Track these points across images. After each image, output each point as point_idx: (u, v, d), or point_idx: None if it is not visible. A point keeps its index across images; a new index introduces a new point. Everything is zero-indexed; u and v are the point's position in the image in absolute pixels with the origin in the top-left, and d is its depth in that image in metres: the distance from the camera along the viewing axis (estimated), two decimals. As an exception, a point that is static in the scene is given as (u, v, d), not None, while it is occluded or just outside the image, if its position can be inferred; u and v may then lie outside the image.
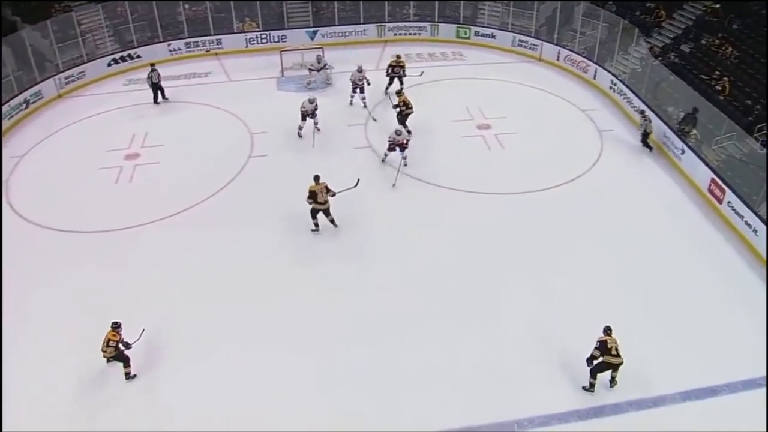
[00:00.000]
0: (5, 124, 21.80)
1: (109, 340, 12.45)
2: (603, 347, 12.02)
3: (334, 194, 16.12)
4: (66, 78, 24.39)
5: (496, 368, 12.73)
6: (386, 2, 28.00)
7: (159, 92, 23.43)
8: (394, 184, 17.96)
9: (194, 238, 16.31)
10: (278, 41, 27.25)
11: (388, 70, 23.05)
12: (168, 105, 23.04)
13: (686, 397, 12.24)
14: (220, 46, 27.33)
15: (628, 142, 20.28)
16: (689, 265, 15.41)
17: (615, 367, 12.18)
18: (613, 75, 23.03)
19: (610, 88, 22.99)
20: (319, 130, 20.42)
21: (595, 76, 23.89)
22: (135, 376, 12.80)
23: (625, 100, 22.00)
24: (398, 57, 23.16)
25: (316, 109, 20.16)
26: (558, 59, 25.47)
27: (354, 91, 22.10)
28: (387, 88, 22.97)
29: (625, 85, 22.18)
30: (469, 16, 28.20)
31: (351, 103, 22.26)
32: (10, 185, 18.88)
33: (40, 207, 17.74)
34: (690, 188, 18.10)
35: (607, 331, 12.16)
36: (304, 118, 20.32)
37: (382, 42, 27.91)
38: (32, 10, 25.77)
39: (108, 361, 12.72)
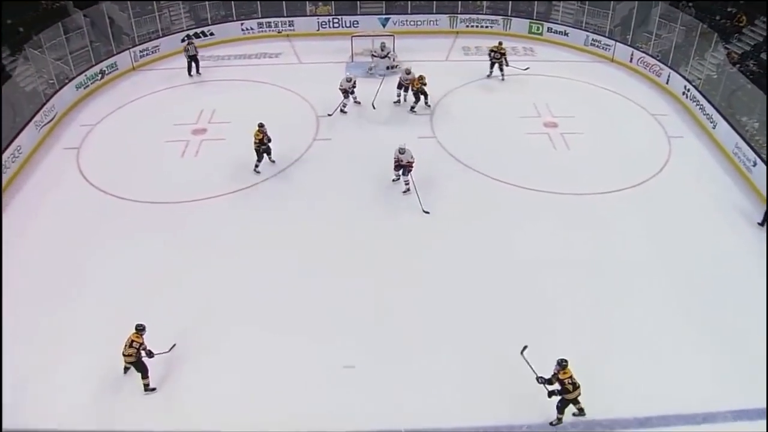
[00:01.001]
0: (81, 93, 22.59)
1: (132, 341, 11.98)
2: (562, 385, 11.36)
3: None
4: (141, 51, 25.09)
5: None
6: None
7: (194, 65, 24.05)
8: (425, 211, 16.73)
9: (252, 215, 16.67)
10: (350, 26, 27.42)
11: (490, 54, 23.47)
12: (237, 84, 23.39)
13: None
14: (291, 28, 27.63)
15: (697, 150, 19.70)
16: (752, 287, 14.66)
17: (576, 400, 11.62)
18: (687, 80, 22.39)
19: (683, 93, 22.37)
20: (358, 103, 21.36)
21: (668, 80, 23.28)
22: (154, 389, 12.30)
23: (698, 107, 21.38)
24: (500, 44, 23.53)
25: (354, 86, 20.94)
26: (631, 61, 24.92)
27: (399, 88, 21.77)
28: (489, 74, 23.63)
29: (699, 92, 21.54)
30: (543, 12, 27.80)
31: (398, 103, 21.86)
32: (81, 152, 19.60)
33: (106, 174, 18.38)
34: (761, 203, 17.48)
35: (564, 365, 11.42)
36: (345, 96, 21.01)
37: (453, 33, 27.74)
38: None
39: (125, 369, 12.35)
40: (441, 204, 17.02)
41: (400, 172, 17.48)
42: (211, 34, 26.74)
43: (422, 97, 21.52)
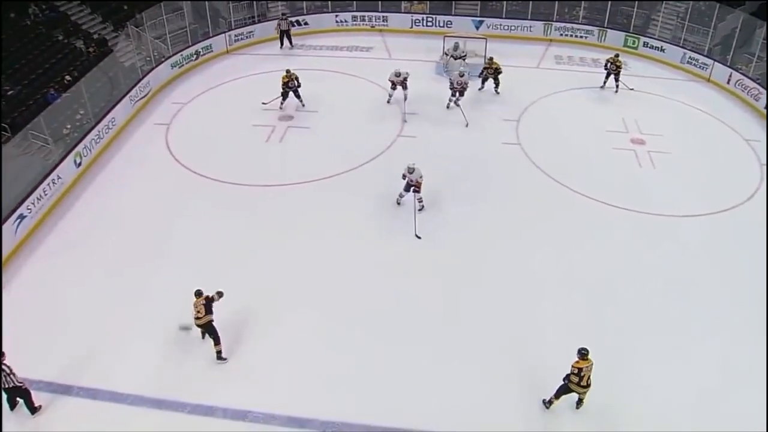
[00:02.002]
0: (175, 71, 23.43)
1: (204, 302, 12.43)
2: (578, 374, 11.39)
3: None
4: (236, 36, 25.83)
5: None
6: (556, 1, 27.52)
7: (287, 39, 25.30)
8: (417, 236, 15.95)
9: (330, 203, 16.90)
10: (443, 26, 27.51)
11: (606, 65, 23.27)
12: (327, 75, 23.76)
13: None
14: (385, 23, 27.90)
15: (792, 182, 18.94)
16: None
17: (580, 398, 11.76)
18: (788, 107, 21.56)
19: (783, 120, 21.54)
20: (405, 98, 21.22)
21: (766, 105, 22.40)
22: (226, 359, 12.73)
23: (797, 136, 20.55)
24: (616, 56, 23.27)
25: (405, 80, 21.06)
26: (728, 82, 24.04)
27: (452, 95, 21.50)
28: (603, 85, 23.44)
29: (800, 121, 20.71)
30: (641, 25, 27.16)
31: (448, 107, 21.65)
32: (171, 129, 20.37)
33: (193, 152, 19.04)
34: None
35: (584, 354, 11.41)
36: (393, 87, 21.30)
37: (546, 41, 27.42)
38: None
39: (203, 334, 12.86)
40: (514, 210, 16.97)
41: (410, 192, 16.59)
42: (306, 23, 27.28)
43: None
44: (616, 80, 23.23)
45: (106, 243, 15.60)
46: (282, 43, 25.80)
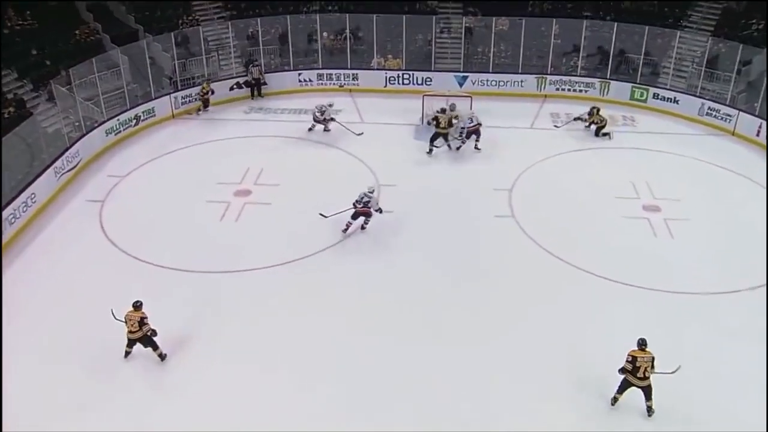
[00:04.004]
0: (111, 139, 23.45)
1: (141, 317, 14.17)
2: (632, 362, 12.95)
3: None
4: (183, 97, 26.13)
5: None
6: (551, 52, 28.23)
7: (256, 89, 26.38)
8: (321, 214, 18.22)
9: (293, 297, 16.55)
10: (422, 84, 28.12)
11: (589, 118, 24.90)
12: (290, 142, 24.01)
13: None
14: (356, 82, 28.46)
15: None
16: None
17: (644, 392, 13.07)
18: (828, 162, 21.93)
19: (822, 178, 21.81)
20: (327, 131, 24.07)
21: (804, 160, 22.81)
22: (165, 355, 14.44)
23: (837, 195, 20.78)
24: (597, 111, 24.82)
25: (326, 118, 23.88)
26: (758, 135, 24.40)
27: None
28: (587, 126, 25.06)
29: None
30: (649, 74, 27.85)
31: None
32: (105, 206, 20.23)
33: (132, 234, 18.78)
34: None
35: (642, 344, 13.01)
36: (315, 122, 24.14)
37: (540, 96, 28.00)
38: (157, 19, 28.07)
39: (126, 353, 14.46)
40: (510, 293, 16.78)
41: (359, 221, 18.66)
42: (264, 83, 27.65)
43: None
44: (597, 133, 24.39)
45: (26, 340, 15.08)
46: (253, 94, 26.58)
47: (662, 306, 16.47)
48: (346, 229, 18.66)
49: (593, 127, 24.71)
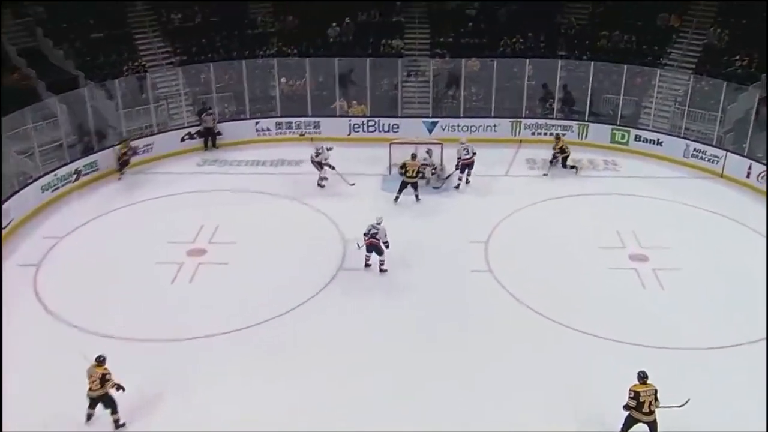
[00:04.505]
0: (47, 197, 22.92)
1: (102, 374, 13.82)
2: (635, 398, 13.25)
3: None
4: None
5: None
6: (524, 94, 28.42)
7: (211, 139, 26.17)
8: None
9: (257, 363, 16.17)
10: (388, 131, 28.13)
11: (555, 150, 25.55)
12: (247, 196, 23.81)
13: None
14: (317, 130, 28.41)
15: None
16: None
17: (650, 427, 13.33)
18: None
19: (819, 221, 21.92)
20: (332, 167, 24.07)
21: (799, 201, 22.95)
22: (124, 424, 14.07)
23: (836, 239, 20.86)
24: (558, 138, 25.58)
25: (324, 159, 23.89)
26: (748, 177, 24.63)
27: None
28: (552, 163, 25.76)
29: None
30: (630, 115, 28.11)
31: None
32: (41, 272, 19.63)
33: (73, 302, 18.15)
34: None
35: (643, 378, 13.41)
36: (320, 168, 24.05)
37: (515, 142, 28.12)
38: (99, 65, 27.86)
39: (89, 417, 14.13)
40: (491, 354, 16.49)
41: (372, 253, 19.36)
42: (219, 133, 27.48)
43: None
44: (563, 164, 24.91)
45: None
46: (207, 145, 26.49)
47: (653, 363, 15.97)
48: (367, 265, 19.58)
49: (559, 159, 25.30)
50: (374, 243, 19.10)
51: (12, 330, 17.17)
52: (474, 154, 23.90)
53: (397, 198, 23.09)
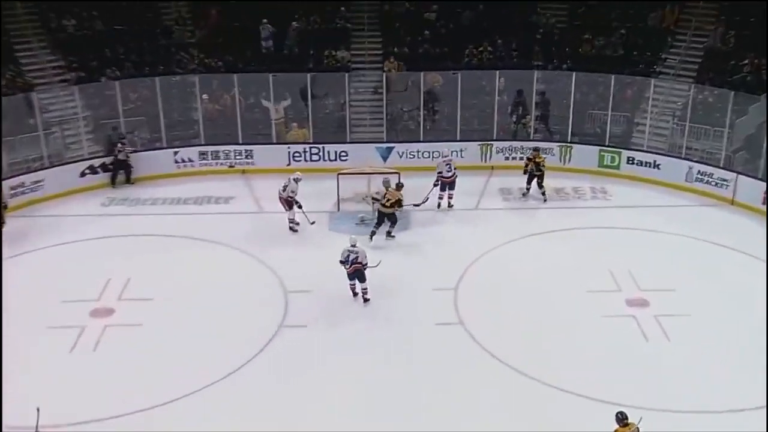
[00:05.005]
0: None
1: None
2: None
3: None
4: (13, 188, 25.25)
5: None
6: (495, 112, 28.52)
7: (125, 173, 26.09)
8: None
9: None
10: (335, 159, 28.24)
11: (526, 165, 26.05)
12: (165, 242, 23.50)
13: None
14: (250, 160, 28.41)
15: None
16: None
17: None
18: None
19: None
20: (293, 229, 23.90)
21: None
22: None
23: None
24: (536, 151, 25.99)
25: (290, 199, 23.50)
26: (765, 203, 24.89)
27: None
28: (526, 192, 26.30)
29: None
30: (620, 133, 28.34)
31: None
32: None
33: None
34: None
35: (623, 419, 13.92)
36: (290, 207, 23.75)
37: (486, 168, 28.23)
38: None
39: None
40: (467, 418, 16.36)
41: (355, 281, 20.13)
42: (129, 166, 27.14)
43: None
44: (541, 186, 25.08)
45: None
46: (115, 180, 26.31)
47: (658, 429, 16.16)
48: (355, 294, 20.37)
49: (534, 179, 25.74)
50: (358, 268, 19.86)
51: None
52: (456, 172, 24.57)
53: (373, 234, 23.14)
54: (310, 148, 28.51)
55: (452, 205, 25.11)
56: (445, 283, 21.22)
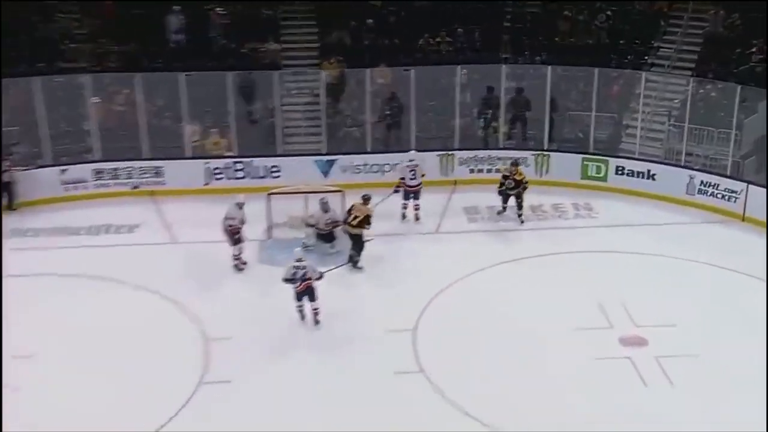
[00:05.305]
0: None
1: None
2: None
3: None
4: None
5: None
6: (457, 115, 28.81)
7: (8, 197, 26.10)
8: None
9: None
10: (265, 176, 28.12)
11: (501, 183, 25.94)
12: (53, 283, 23.23)
13: None
14: (159, 180, 28.22)
15: None
16: None
17: None
18: None
19: None
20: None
21: None
22: None
23: None
24: (515, 165, 25.94)
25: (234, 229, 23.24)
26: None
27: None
28: (501, 210, 26.44)
29: None
30: (607, 138, 28.51)
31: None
32: None
33: None
34: None
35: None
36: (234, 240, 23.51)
37: (448, 184, 28.32)
38: None
39: None
40: None
41: (304, 301, 20.67)
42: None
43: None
44: (520, 206, 25.34)
45: None
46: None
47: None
48: (303, 316, 21.04)
49: (511, 198, 25.93)
50: (309, 285, 20.37)
51: None
52: (423, 175, 25.10)
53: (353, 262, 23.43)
54: (234, 163, 28.42)
55: (419, 218, 25.48)
56: (401, 323, 21.11)
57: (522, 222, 25.98)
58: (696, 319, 21.21)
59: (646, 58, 30.17)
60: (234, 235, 23.38)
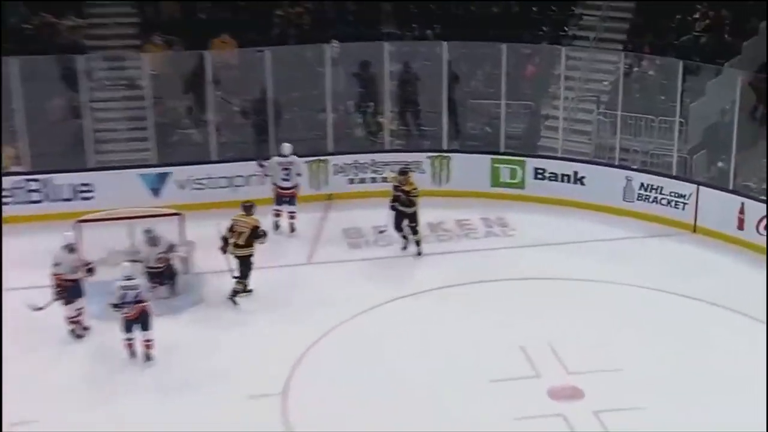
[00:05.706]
0: None
1: None
2: None
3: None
4: None
5: None
6: (328, 108, 28.99)
7: None
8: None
9: None
10: (70, 198, 27.86)
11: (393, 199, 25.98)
12: None
13: None
14: None
15: None
16: None
17: None
18: None
19: None
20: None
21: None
22: None
23: None
24: (402, 173, 25.47)
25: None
26: (740, 228, 25.62)
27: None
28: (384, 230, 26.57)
29: None
30: (522, 134, 28.77)
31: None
32: None
33: None
34: None
35: None
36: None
37: (320, 199, 28.54)
38: None
39: None
40: None
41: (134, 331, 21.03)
42: None
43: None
44: (413, 229, 25.30)
45: None
46: None
47: None
48: (133, 353, 21.25)
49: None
50: (143, 309, 20.49)
51: None
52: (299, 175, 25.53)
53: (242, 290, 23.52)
54: (27, 180, 27.99)
55: (295, 229, 25.83)
56: (267, 385, 20.96)
57: (419, 254, 25.89)
58: (643, 363, 21.38)
59: (566, 29, 30.51)
60: (65, 290, 22.30)
